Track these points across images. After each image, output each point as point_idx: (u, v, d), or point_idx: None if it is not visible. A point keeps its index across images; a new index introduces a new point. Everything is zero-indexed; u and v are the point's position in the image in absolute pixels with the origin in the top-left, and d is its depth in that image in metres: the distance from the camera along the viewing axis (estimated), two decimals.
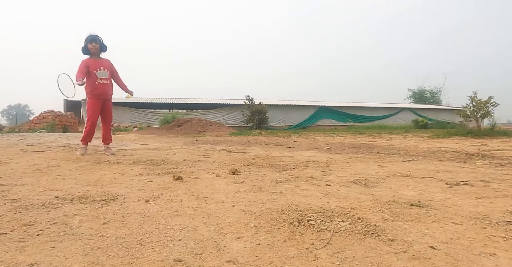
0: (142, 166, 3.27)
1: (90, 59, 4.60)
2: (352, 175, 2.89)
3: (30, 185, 2.08)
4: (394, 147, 6.49)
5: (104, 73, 4.65)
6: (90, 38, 4.56)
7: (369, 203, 1.71)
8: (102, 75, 4.64)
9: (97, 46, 4.60)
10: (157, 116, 23.37)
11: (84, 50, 4.61)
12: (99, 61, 4.67)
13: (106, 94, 4.75)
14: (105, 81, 4.67)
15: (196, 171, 2.92)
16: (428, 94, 47.88)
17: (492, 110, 13.58)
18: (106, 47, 4.75)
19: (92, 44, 4.56)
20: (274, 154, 5.10)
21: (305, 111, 29.44)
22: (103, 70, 4.64)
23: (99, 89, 4.65)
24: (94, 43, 4.56)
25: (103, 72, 4.64)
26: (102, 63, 4.67)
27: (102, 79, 4.65)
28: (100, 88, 4.64)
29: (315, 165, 3.66)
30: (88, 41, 4.55)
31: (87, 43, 4.56)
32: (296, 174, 2.87)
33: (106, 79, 4.68)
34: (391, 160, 4.21)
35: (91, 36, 4.58)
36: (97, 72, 4.59)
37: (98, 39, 4.62)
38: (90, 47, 4.56)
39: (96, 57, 4.66)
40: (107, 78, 4.69)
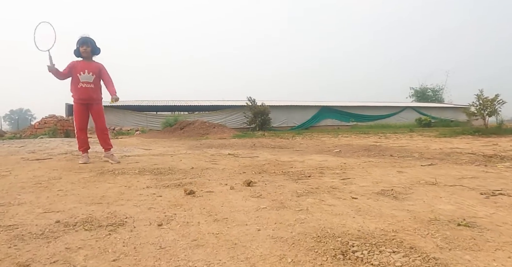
0: (148, 176, 3.08)
1: (78, 62, 4.42)
2: (374, 183, 2.70)
3: (29, 204, 1.89)
4: (405, 149, 6.29)
5: (87, 77, 4.39)
6: (82, 41, 4.37)
7: (410, 223, 1.51)
8: (85, 79, 4.38)
9: (89, 49, 4.40)
10: (159, 119, 23.22)
11: (76, 53, 4.43)
12: (88, 64, 4.44)
13: (90, 98, 4.47)
14: (87, 84, 4.41)
15: (207, 182, 2.73)
16: (430, 92, 47.70)
17: (499, 108, 13.37)
18: (99, 49, 4.54)
19: (83, 47, 4.37)
20: (284, 159, 4.91)
21: (308, 111, 29.27)
22: (87, 73, 4.38)
23: (82, 93, 4.41)
24: (85, 46, 4.37)
25: (86, 76, 4.38)
26: (90, 66, 4.43)
27: (85, 82, 4.38)
28: (82, 92, 4.41)
29: (331, 171, 3.46)
30: (80, 43, 4.37)
31: (79, 45, 4.38)
32: (314, 183, 2.67)
33: (89, 82, 4.41)
34: (408, 164, 4.01)
35: (83, 39, 4.38)
36: (80, 75, 4.36)
37: (90, 42, 4.41)
38: (82, 50, 4.37)
39: (87, 60, 4.46)
40: (90, 81, 4.42)
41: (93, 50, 4.45)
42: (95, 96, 4.53)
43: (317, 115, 29.68)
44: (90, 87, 4.43)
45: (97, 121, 4.64)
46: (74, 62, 4.40)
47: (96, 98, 4.55)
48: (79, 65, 4.38)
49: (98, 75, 4.50)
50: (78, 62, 4.41)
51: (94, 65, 4.49)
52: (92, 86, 4.45)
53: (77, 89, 4.39)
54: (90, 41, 4.41)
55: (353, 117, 30.79)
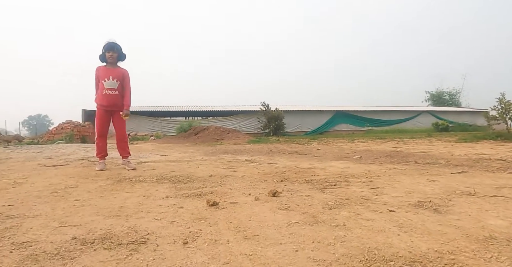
0: (167, 184, 2.96)
1: (103, 67, 4.34)
2: (407, 194, 2.52)
3: (44, 216, 1.78)
4: (428, 155, 6.05)
5: (112, 83, 4.31)
6: (108, 46, 4.29)
7: (465, 242, 1.34)
8: (109, 85, 4.30)
9: (115, 55, 4.31)
10: (173, 124, 23.29)
11: (101, 58, 4.35)
12: (112, 70, 4.35)
13: (114, 105, 4.38)
14: (112, 91, 4.32)
15: (229, 191, 2.59)
16: (447, 96, 46.75)
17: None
18: (125, 55, 4.45)
19: (110, 53, 4.28)
20: (304, 166, 4.75)
21: (322, 116, 28.98)
22: (112, 79, 4.30)
23: (106, 100, 4.33)
24: (112, 52, 4.28)
25: (111, 82, 4.30)
26: (114, 72, 4.34)
27: (109, 89, 4.30)
28: (106, 99, 4.32)
29: (356, 180, 3.28)
30: (106, 49, 4.28)
31: (105, 51, 4.29)
32: (343, 193, 2.51)
33: (113, 89, 4.32)
34: (437, 172, 3.80)
35: (110, 44, 4.30)
36: (105, 82, 4.28)
37: (117, 48, 4.33)
38: (108, 56, 4.29)
39: (112, 66, 4.37)
40: (115, 88, 4.33)
41: (119, 56, 4.38)
42: (119, 103, 4.42)
43: (331, 120, 29.36)
44: (114, 94, 4.35)
45: (119, 128, 4.58)
46: (99, 68, 4.35)
47: (120, 105, 4.43)
48: (102, 71, 4.32)
49: (122, 82, 4.41)
50: (102, 68, 4.35)
51: (118, 71, 4.40)
52: (117, 92, 4.36)
53: (101, 95, 4.32)
54: (117, 47, 4.34)
55: (368, 122, 30.36)
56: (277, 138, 18.52)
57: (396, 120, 30.99)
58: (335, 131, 28.55)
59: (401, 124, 30.59)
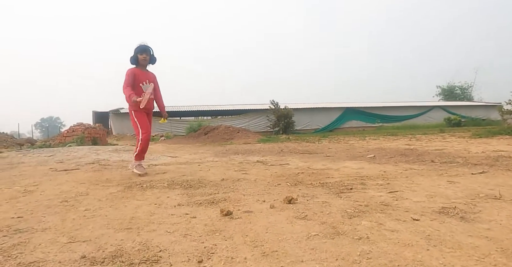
0: (178, 190, 2.89)
1: (137, 70, 4.26)
2: (428, 198, 2.41)
3: (53, 230, 1.72)
4: (444, 153, 5.89)
5: (149, 87, 4.29)
6: (142, 49, 4.23)
7: (502, 258, 1.24)
8: (148, 89, 4.26)
9: (148, 58, 4.28)
10: (183, 124, 23.34)
11: (132, 60, 4.28)
12: (146, 73, 4.34)
13: (150, 108, 4.40)
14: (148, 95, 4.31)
15: (243, 197, 2.51)
16: (459, 90, 45.99)
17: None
18: (156, 59, 4.40)
19: (143, 56, 4.23)
20: (317, 167, 4.64)
21: (331, 113, 28.75)
22: (148, 83, 4.29)
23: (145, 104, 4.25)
24: (145, 54, 4.24)
25: (148, 86, 4.28)
26: (148, 76, 4.34)
27: (148, 93, 4.25)
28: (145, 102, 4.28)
29: (373, 182, 3.17)
30: (139, 51, 4.22)
31: (138, 53, 4.23)
32: (361, 198, 2.41)
33: (151, 93, 4.30)
34: (456, 172, 3.66)
35: (143, 46, 4.25)
36: (143, 85, 4.25)
37: (150, 50, 4.29)
38: (141, 59, 4.23)
39: (144, 69, 4.33)
40: (151, 92, 4.31)
41: (150, 59, 4.34)
42: (153, 107, 4.46)
43: (341, 117, 29.11)
44: (151, 97, 4.30)
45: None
46: (134, 70, 4.23)
47: (152, 108, 4.48)
48: (139, 74, 4.25)
49: (156, 86, 4.44)
50: (138, 71, 4.26)
51: (150, 74, 4.41)
52: (152, 96, 4.32)
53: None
54: (150, 50, 4.30)
55: (379, 118, 30.01)
56: (287, 136, 18.40)
57: (407, 115, 30.60)
58: (345, 128, 28.30)
59: (412, 119, 30.20)
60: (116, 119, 24.58)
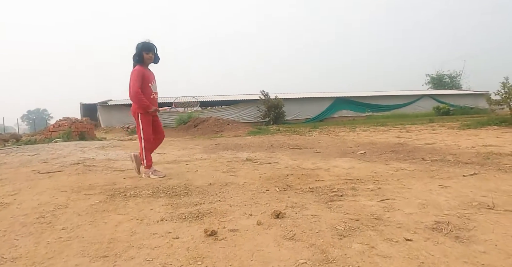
0: (163, 200, 2.78)
1: (145, 70, 4.03)
2: (420, 208, 2.34)
3: (25, 259, 1.60)
4: (434, 149, 5.86)
5: (155, 86, 4.14)
6: (148, 47, 3.98)
7: None
8: (155, 89, 4.12)
9: (153, 57, 4.04)
10: (172, 115, 23.04)
11: (137, 59, 3.99)
12: (151, 72, 4.14)
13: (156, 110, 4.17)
14: (156, 95, 4.15)
15: (229, 209, 2.41)
16: (447, 79, 46.33)
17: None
18: (159, 58, 4.15)
19: (149, 54, 3.98)
20: (306, 165, 4.57)
21: (322, 103, 28.72)
22: (154, 82, 4.12)
23: (155, 105, 4.09)
24: (151, 53, 4.00)
25: (155, 85, 4.12)
26: (153, 75, 4.15)
27: (155, 93, 4.12)
28: (154, 103, 4.09)
29: (364, 187, 3.10)
30: (145, 49, 3.96)
31: (144, 51, 3.96)
32: (351, 209, 2.33)
33: (156, 92, 4.16)
34: (447, 174, 3.61)
35: (149, 45, 3.99)
36: (152, 85, 4.06)
37: (155, 49, 4.05)
38: (147, 57, 3.98)
39: (147, 67, 4.10)
40: (157, 92, 4.18)
41: (155, 58, 4.09)
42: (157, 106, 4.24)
43: (331, 107, 29.10)
44: (157, 97, 4.19)
45: (160, 132, 4.35)
46: (142, 69, 3.98)
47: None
48: (147, 73, 4.03)
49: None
50: (146, 70, 4.05)
51: (153, 73, 4.20)
52: (157, 96, 4.19)
53: (149, 100, 4.01)
54: (155, 48, 4.06)
55: (369, 108, 30.10)
56: (278, 127, 18.34)
57: (396, 105, 30.74)
58: (335, 117, 28.33)
59: (402, 108, 30.36)
60: (104, 111, 24.19)
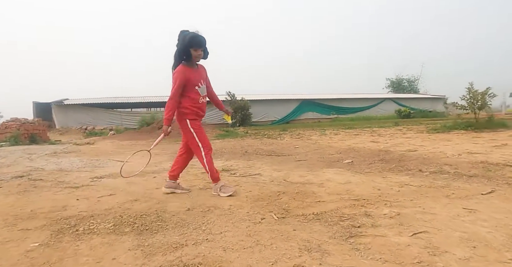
0: (128, 239, 2.07)
1: (189, 70, 3.16)
2: (471, 249, 1.82)
3: None
4: (424, 158, 5.50)
5: (203, 89, 3.32)
6: (198, 42, 3.08)
7: None
8: (203, 92, 3.33)
9: (202, 54, 3.18)
10: (134, 116, 21.84)
11: (181, 55, 3.14)
12: (198, 71, 3.28)
13: (204, 115, 3.43)
14: (204, 98, 3.36)
15: (224, 256, 1.76)
16: (406, 83, 47.96)
17: (489, 102, 12.97)
18: (208, 53, 3.26)
19: (198, 52, 3.11)
20: (294, 179, 4.01)
21: (288, 105, 28.54)
22: (201, 84, 3.28)
23: (202, 110, 3.36)
24: (201, 50, 3.12)
25: (203, 88, 3.30)
26: (201, 75, 3.30)
27: (204, 96, 3.34)
28: (203, 108, 3.35)
29: (378, 212, 2.56)
30: (195, 45, 3.07)
31: (191, 47, 3.07)
32: (388, 254, 1.77)
33: (205, 96, 3.38)
34: (462, 192, 3.15)
35: (199, 39, 3.08)
36: (199, 88, 3.25)
37: (205, 43, 3.16)
38: (196, 55, 3.12)
39: (194, 66, 3.24)
40: (205, 94, 3.38)
41: (204, 54, 3.23)
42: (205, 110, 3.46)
43: (298, 109, 28.99)
44: (206, 101, 3.39)
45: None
46: (185, 71, 3.14)
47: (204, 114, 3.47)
48: (193, 74, 3.19)
49: (208, 83, 3.44)
50: (189, 71, 3.17)
51: (202, 71, 3.35)
52: (206, 99, 3.40)
53: (198, 105, 3.27)
54: (205, 43, 3.17)
55: (334, 110, 30.33)
56: (245, 129, 17.78)
57: (360, 107, 31.24)
58: (302, 119, 28.24)
59: (365, 111, 30.89)
60: (59, 111, 22.38)
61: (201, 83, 3.27)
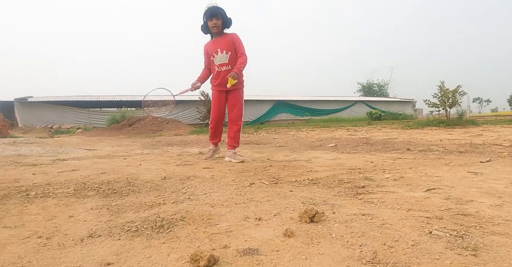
0: (92, 200, 1.69)
1: (209, 41, 3.54)
2: (498, 198, 1.58)
3: None
4: (411, 142, 5.36)
5: (222, 57, 3.46)
6: (210, 13, 3.33)
7: None
8: (220, 60, 3.48)
9: (219, 22, 3.36)
10: (103, 115, 20.90)
11: (204, 29, 3.48)
12: (219, 41, 3.47)
13: (224, 84, 3.42)
14: (224, 67, 3.48)
15: (213, 211, 1.43)
16: (376, 87, 49.02)
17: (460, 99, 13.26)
18: (231, 20, 3.44)
19: (212, 21, 3.35)
20: (279, 158, 3.71)
21: (262, 106, 28.31)
22: (220, 52, 3.43)
23: (218, 79, 3.53)
24: (215, 19, 3.34)
25: (220, 56, 3.46)
26: (221, 43, 3.45)
27: (220, 65, 3.49)
28: (219, 77, 3.51)
29: (379, 177, 2.30)
30: (208, 16, 3.35)
31: (207, 19, 3.38)
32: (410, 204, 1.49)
33: (225, 64, 3.47)
34: (461, 161, 2.97)
35: (211, 10, 3.32)
36: (214, 58, 3.49)
37: (220, 13, 3.34)
38: (211, 25, 3.37)
39: (218, 35, 3.47)
40: (226, 62, 3.46)
41: (224, 23, 3.41)
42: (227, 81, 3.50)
43: (272, 110, 28.84)
44: (226, 69, 3.47)
45: (233, 111, 3.70)
46: (205, 45, 3.57)
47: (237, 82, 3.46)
48: (210, 45, 3.52)
49: (234, 50, 3.47)
50: (209, 43, 3.54)
51: (226, 39, 3.47)
52: (229, 67, 3.46)
53: (214, 74, 3.59)
54: (220, 12, 3.35)
55: (308, 111, 30.41)
56: None
57: (333, 109, 31.53)
58: (275, 120, 28.09)
59: (338, 113, 31.21)
60: (22, 108, 21.04)
61: (217, 52, 3.43)
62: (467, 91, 12.92)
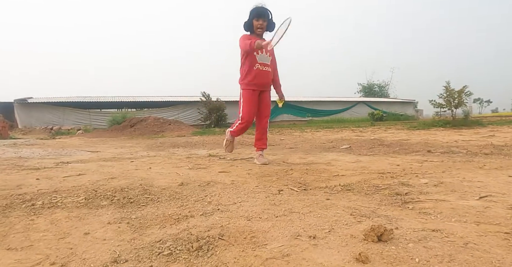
0: (108, 212, 1.50)
1: (252, 37, 3.26)
2: None
3: None
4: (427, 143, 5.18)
5: (265, 57, 3.35)
6: (258, 12, 3.25)
7: None
8: (264, 59, 3.35)
9: (265, 24, 3.28)
10: (104, 116, 20.70)
11: (246, 26, 3.36)
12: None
13: (265, 84, 3.44)
14: (265, 67, 3.37)
15: (253, 226, 1.23)
16: (377, 88, 48.83)
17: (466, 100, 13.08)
18: (275, 25, 3.30)
19: (259, 22, 3.26)
20: (295, 160, 3.53)
21: None
22: (265, 53, 3.32)
23: (258, 78, 3.35)
24: (262, 20, 3.26)
25: (264, 56, 3.34)
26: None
27: (262, 64, 3.34)
28: (259, 75, 3.35)
29: (416, 182, 2.11)
30: (255, 15, 3.26)
31: (254, 18, 3.27)
32: (473, 217, 1.30)
33: (267, 65, 3.38)
34: (494, 165, 2.77)
35: (260, 10, 3.24)
36: (258, 55, 3.30)
37: (268, 14, 3.27)
38: (257, 25, 3.27)
39: (260, 37, 3.33)
40: (268, 64, 3.38)
41: (268, 25, 3.31)
42: (270, 82, 3.52)
43: (273, 111, 28.56)
44: (267, 70, 3.40)
45: (264, 111, 3.64)
46: (249, 36, 3.30)
47: (269, 86, 3.53)
48: (254, 40, 3.20)
49: (273, 57, 3.49)
50: (253, 38, 3.22)
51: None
52: (269, 69, 3.42)
53: (252, 71, 3.33)
54: (268, 14, 3.28)
55: (309, 112, 30.23)
56: (221, 129, 17.17)
57: (335, 110, 31.36)
58: (277, 121, 27.88)
59: (339, 114, 31.04)
60: (22, 110, 20.82)
61: (262, 51, 3.27)
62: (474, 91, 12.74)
